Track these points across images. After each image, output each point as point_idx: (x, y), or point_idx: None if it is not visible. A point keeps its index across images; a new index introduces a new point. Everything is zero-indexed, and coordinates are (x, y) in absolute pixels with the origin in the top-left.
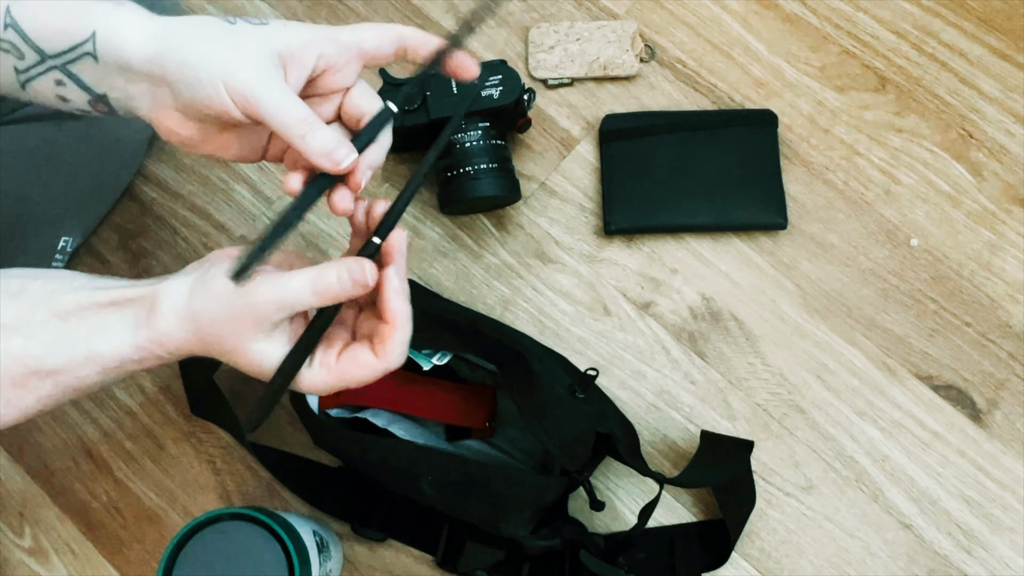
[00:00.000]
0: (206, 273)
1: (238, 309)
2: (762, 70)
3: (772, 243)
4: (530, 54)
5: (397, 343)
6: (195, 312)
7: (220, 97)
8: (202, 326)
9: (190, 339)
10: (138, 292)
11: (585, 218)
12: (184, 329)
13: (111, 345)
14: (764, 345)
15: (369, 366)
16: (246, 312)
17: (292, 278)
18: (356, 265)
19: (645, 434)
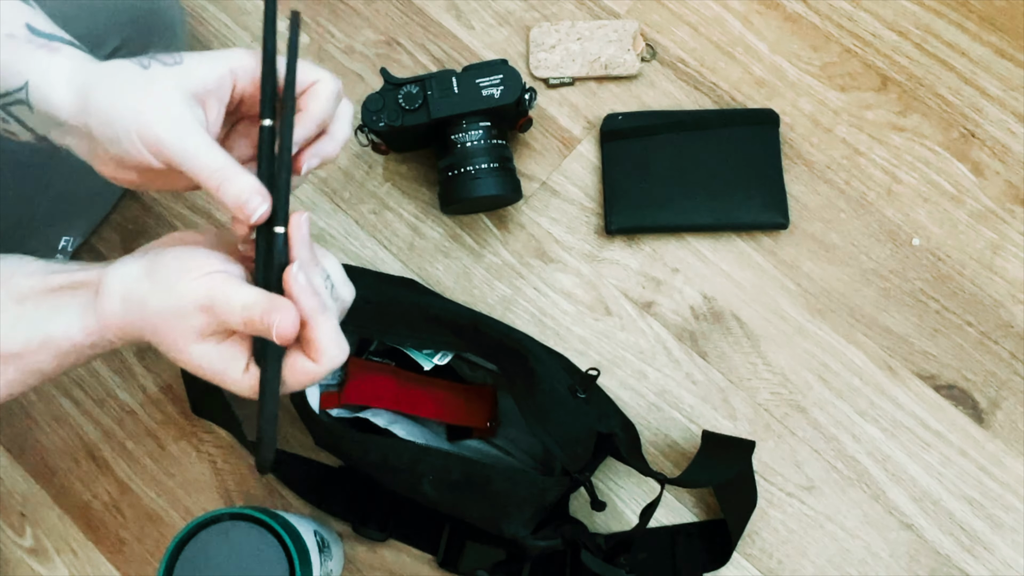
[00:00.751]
0: (159, 258)
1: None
2: (764, 69)
3: (773, 243)
4: (531, 53)
5: (325, 339)
6: (139, 298)
7: (139, 151)
8: (144, 315)
9: (136, 324)
10: (88, 276)
11: (586, 218)
12: (130, 313)
13: (62, 329)
14: (765, 345)
15: (308, 372)
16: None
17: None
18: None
19: (646, 434)
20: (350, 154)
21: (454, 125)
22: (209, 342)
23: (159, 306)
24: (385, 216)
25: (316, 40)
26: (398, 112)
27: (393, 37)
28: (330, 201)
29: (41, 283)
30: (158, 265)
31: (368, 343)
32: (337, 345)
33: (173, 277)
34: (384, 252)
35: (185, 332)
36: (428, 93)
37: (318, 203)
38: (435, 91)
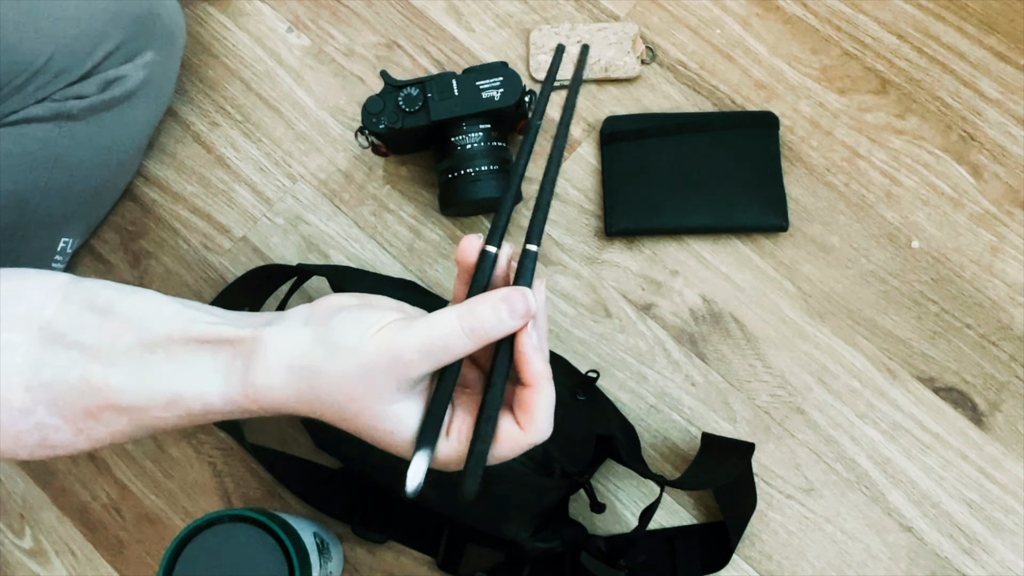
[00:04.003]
0: (329, 321)
1: (376, 364)
2: (763, 72)
3: (773, 245)
4: (531, 56)
5: (542, 409)
6: (315, 367)
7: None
8: (321, 385)
9: (298, 398)
10: (238, 333)
11: (586, 220)
12: (293, 386)
13: (197, 391)
14: (765, 347)
15: (512, 439)
16: (386, 367)
17: (437, 319)
18: (515, 293)
19: (646, 436)
20: (350, 156)
21: (454, 127)
22: (409, 398)
23: (342, 371)
24: (385, 218)
25: (316, 42)
26: (398, 114)
27: (393, 39)
28: (330, 203)
29: (180, 331)
30: (331, 329)
31: None
32: (549, 420)
33: (353, 337)
34: (384, 254)
35: (380, 392)
36: (428, 95)
37: (318, 205)
38: (435, 93)
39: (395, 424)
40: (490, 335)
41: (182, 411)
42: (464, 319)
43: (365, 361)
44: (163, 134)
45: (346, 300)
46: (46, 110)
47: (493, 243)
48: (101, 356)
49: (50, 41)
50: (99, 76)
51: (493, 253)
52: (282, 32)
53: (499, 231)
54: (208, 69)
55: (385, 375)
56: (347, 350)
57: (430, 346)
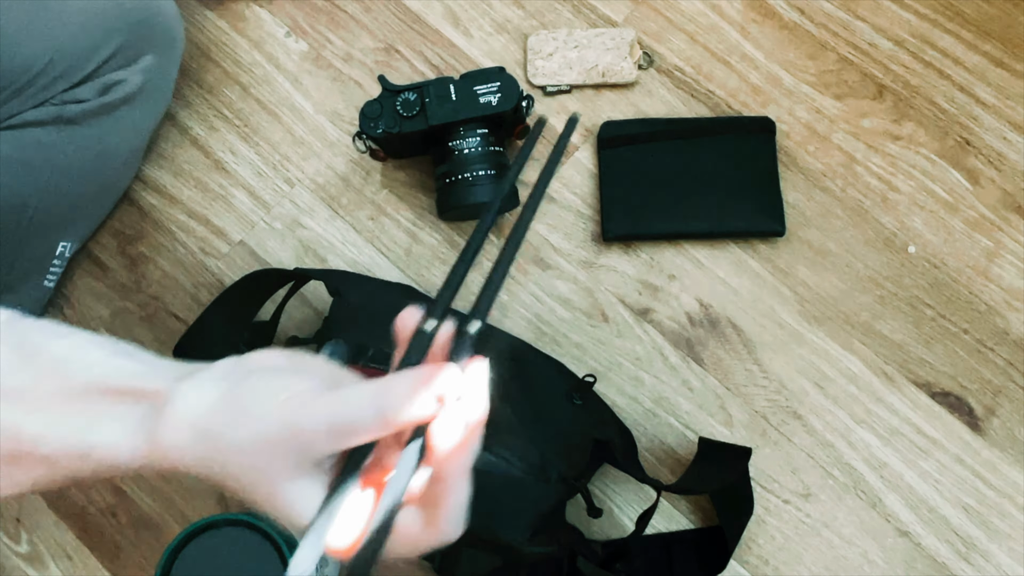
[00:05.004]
0: (242, 382)
1: (275, 437)
2: (760, 77)
3: (770, 250)
4: (529, 61)
5: (451, 509)
6: (217, 430)
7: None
8: (222, 449)
9: (199, 461)
10: (154, 386)
11: (583, 224)
12: (195, 449)
13: (108, 444)
14: (762, 352)
15: (412, 537)
16: (285, 442)
17: (349, 395)
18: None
19: (643, 440)
20: (347, 160)
21: (451, 132)
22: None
23: (242, 440)
24: (383, 222)
25: (314, 47)
26: (396, 119)
27: (391, 44)
28: (327, 207)
29: (99, 381)
30: (241, 392)
31: (365, 349)
32: (459, 521)
33: (258, 405)
34: (381, 258)
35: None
36: (426, 100)
37: (315, 209)
38: (433, 98)
39: (290, 503)
40: (404, 421)
41: (96, 464)
42: (377, 399)
43: (264, 433)
44: (161, 138)
45: (273, 360)
46: (45, 114)
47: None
48: (22, 401)
49: (49, 45)
50: (98, 80)
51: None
52: (280, 37)
53: (442, 306)
54: (206, 73)
55: (284, 450)
56: (250, 418)
57: (336, 426)
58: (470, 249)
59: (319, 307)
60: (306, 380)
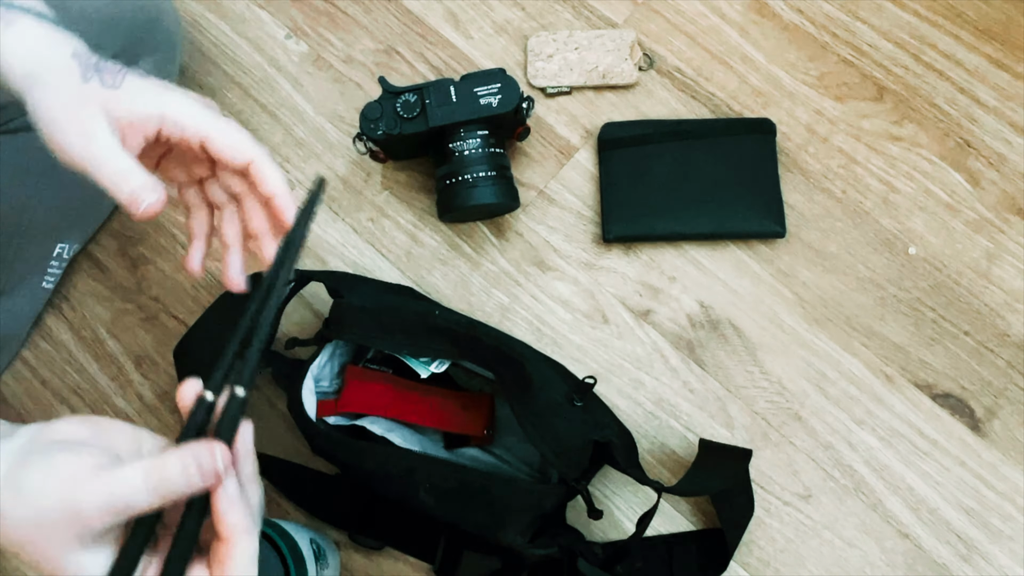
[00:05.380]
0: (27, 459)
1: (50, 516)
2: (760, 79)
3: (770, 251)
4: (529, 62)
5: (239, 566)
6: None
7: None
8: (5, 525)
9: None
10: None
11: (584, 226)
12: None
13: None
14: (762, 353)
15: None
16: (61, 520)
17: (123, 472)
18: (203, 450)
19: (643, 442)
20: (348, 162)
21: (452, 133)
22: (93, 549)
23: (20, 517)
24: (383, 224)
25: (315, 49)
26: (396, 120)
27: (392, 46)
28: (328, 209)
29: None
30: (24, 469)
31: (365, 351)
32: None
33: (36, 484)
34: (382, 260)
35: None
36: (426, 102)
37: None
38: (433, 100)
39: (75, 571)
40: (177, 494)
41: None
42: (150, 477)
43: (42, 511)
44: None
45: (73, 431)
46: None
47: (211, 387)
48: None
49: None
50: None
51: (209, 400)
52: (281, 38)
53: (221, 374)
54: (207, 75)
55: (62, 528)
56: (28, 495)
57: (111, 503)
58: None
59: (319, 309)
60: (88, 457)
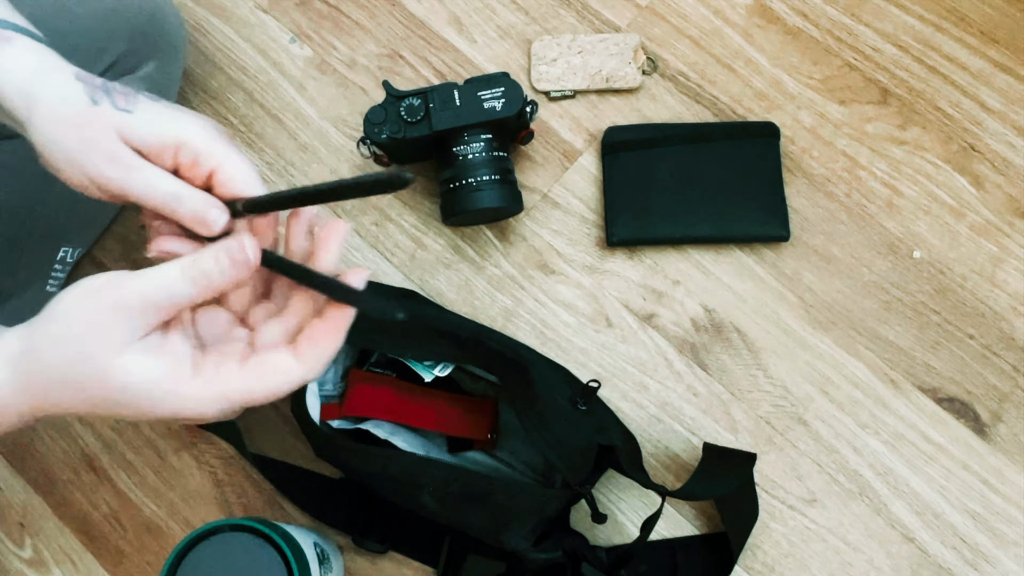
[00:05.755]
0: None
1: (96, 316)
2: (764, 83)
3: (774, 255)
4: (532, 66)
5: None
6: (33, 347)
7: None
8: (42, 362)
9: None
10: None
11: (587, 230)
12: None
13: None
14: (767, 357)
15: (287, 373)
16: (107, 317)
17: (161, 267)
18: (234, 243)
19: (647, 446)
20: (352, 166)
21: (456, 137)
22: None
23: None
24: (387, 228)
25: (319, 53)
26: (400, 124)
27: (396, 50)
28: (331, 212)
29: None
30: (46, 312)
31: (369, 354)
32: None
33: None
34: (385, 264)
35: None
36: (430, 106)
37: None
38: (437, 104)
39: (124, 378)
40: (214, 284)
41: None
42: (187, 269)
43: (85, 317)
44: None
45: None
46: None
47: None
48: None
49: None
50: None
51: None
52: (285, 43)
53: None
54: (211, 79)
55: (107, 326)
56: (64, 316)
57: (152, 292)
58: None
59: None
60: (105, 273)
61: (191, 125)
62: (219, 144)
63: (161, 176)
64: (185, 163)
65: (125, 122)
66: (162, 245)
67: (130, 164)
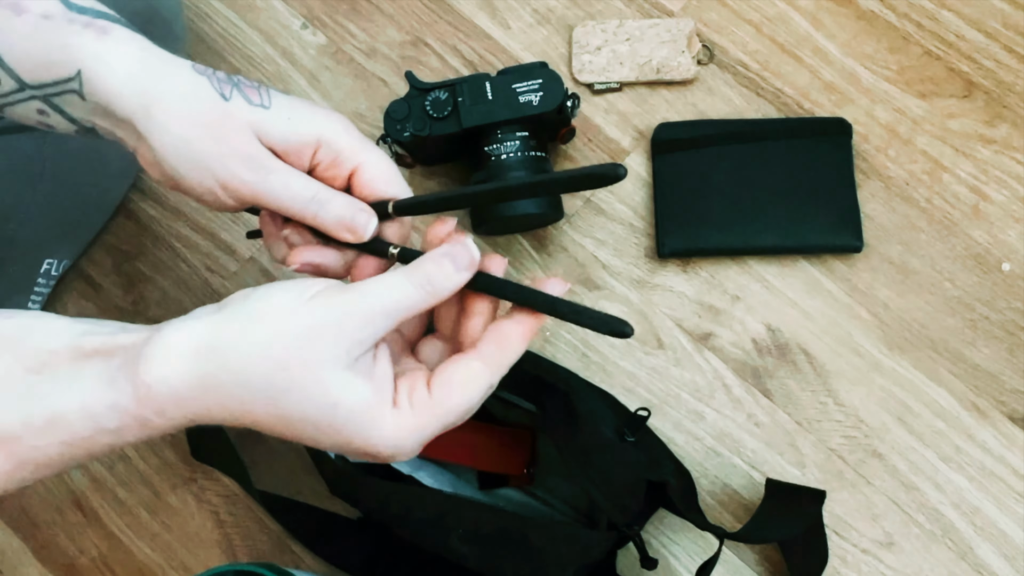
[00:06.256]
0: (249, 297)
1: (317, 327)
2: (834, 74)
3: (846, 267)
4: (574, 55)
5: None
6: (225, 342)
7: (211, 190)
8: (233, 361)
9: (202, 385)
10: (131, 338)
11: (636, 239)
12: (194, 372)
13: (80, 404)
14: (837, 382)
15: (477, 380)
16: (330, 330)
17: (383, 279)
18: (456, 247)
19: (703, 482)
20: None
21: (488, 135)
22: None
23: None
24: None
25: (333, 40)
26: (425, 121)
27: (420, 37)
28: None
29: (67, 344)
30: (248, 303)
31: None
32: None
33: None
34: None
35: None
36: (459, 99)
37: None
38: (467, 97)
39: (337, 396)
40: (438, 291)
41: (65, 434)
42: (413, 276)
43: (303, 323)
44: None
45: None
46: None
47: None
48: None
49: None
50: None
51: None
52: (296, 29)
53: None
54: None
55: (329, 341)
56: (275, 316)
57: (383, 305)
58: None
59: None
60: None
61: (330, 121)
62: (359, 140)
63: (301, 179)
64: (324, 163)
65: (261, 119)
66: (305, 256)
67: (268, 166)
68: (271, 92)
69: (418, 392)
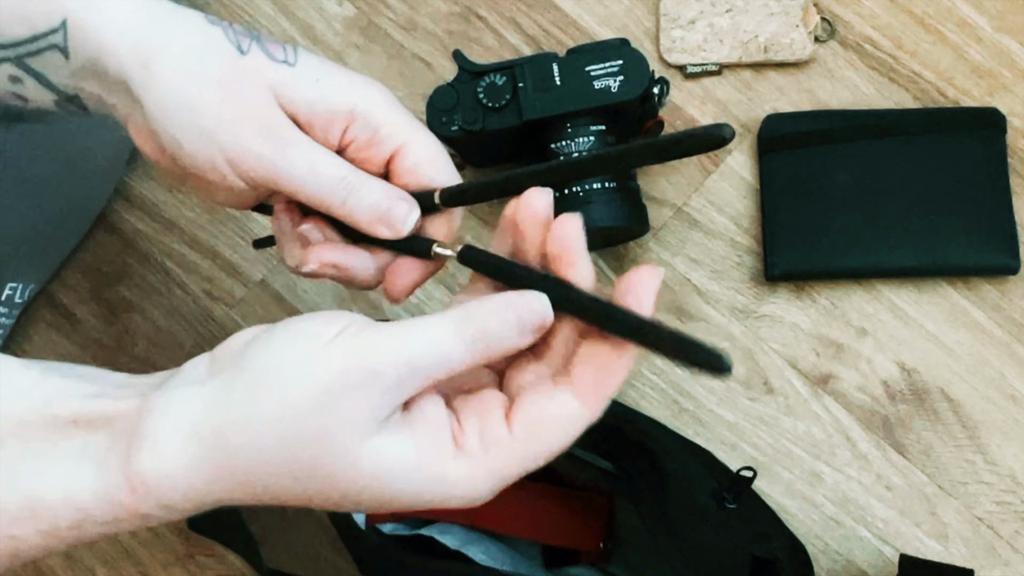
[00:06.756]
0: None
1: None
2: (984, 54)
3: (999, 293)
4: (662, 31)
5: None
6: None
7: (216, 167)
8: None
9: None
10: (117, 407)
11: (738, 258)
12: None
13: (63, 491)
14: (988, 435)
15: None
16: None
17: (424, 323)
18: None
19: (821, 559)
20: None
21: (555, 130)
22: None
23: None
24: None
25: (364, 12)
26: (477, 112)
27: (471, 8)
28: None
29: (38, 410)
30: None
31: None
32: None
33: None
34: None
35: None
36: (519, 85)
37: None
38: (529, 83)
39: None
40: (492, 350)
41: (45, 523)
42: (465, 329)
43: (321, 384)
44: None
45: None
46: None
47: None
48: None
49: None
50: None
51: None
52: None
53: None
54: None
55: (355, 400)
56: (285, 377)
57: (422, 362)
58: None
59: None
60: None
61: (368, 89)
62: (403, 116)
63: (327, 156)
64: (358, 141)
65: (283, 80)
66: (325, 256)
67: (288, 138)
68: (298, 50)
69: (493, 430)
